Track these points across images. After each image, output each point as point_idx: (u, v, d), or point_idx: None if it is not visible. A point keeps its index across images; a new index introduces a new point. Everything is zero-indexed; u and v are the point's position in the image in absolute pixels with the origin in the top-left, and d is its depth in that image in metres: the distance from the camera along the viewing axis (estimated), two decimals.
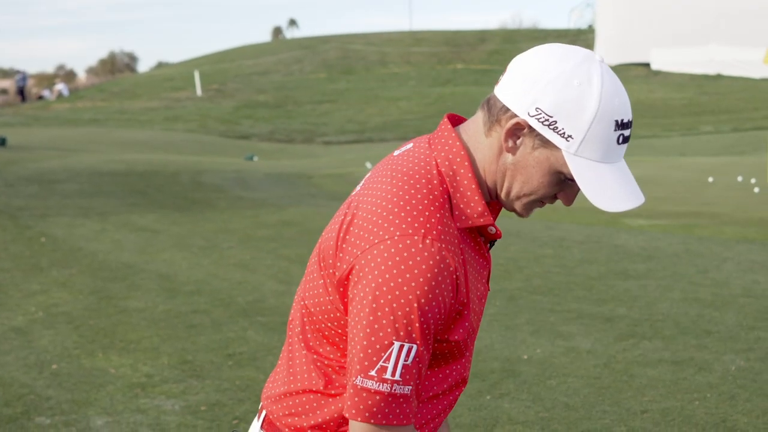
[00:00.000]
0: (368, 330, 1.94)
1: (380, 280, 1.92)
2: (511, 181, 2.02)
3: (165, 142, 36.61)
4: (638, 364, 6.82)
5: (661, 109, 47.98)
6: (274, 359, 6.88)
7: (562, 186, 2.02)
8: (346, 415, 2.01)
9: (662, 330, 7.72)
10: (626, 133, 1.96)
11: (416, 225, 1.93)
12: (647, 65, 62.42)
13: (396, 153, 2.17)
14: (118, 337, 7.71)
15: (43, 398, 6.24)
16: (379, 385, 1.95)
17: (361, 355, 1.96)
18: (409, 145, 2.16)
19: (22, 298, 9.12)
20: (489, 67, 65.62)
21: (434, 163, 2.04)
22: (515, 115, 1.96)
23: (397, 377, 1.95)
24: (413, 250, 1.91)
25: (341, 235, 2.04)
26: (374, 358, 1.94)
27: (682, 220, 14.35)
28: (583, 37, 71.19)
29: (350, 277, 1.99)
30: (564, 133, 1.91)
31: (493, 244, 2.17)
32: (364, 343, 1.95)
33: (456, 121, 2.16)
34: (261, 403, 2.33)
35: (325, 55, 73.68)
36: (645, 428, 5.53)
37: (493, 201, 2.11)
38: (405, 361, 1.95)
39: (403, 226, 1.93)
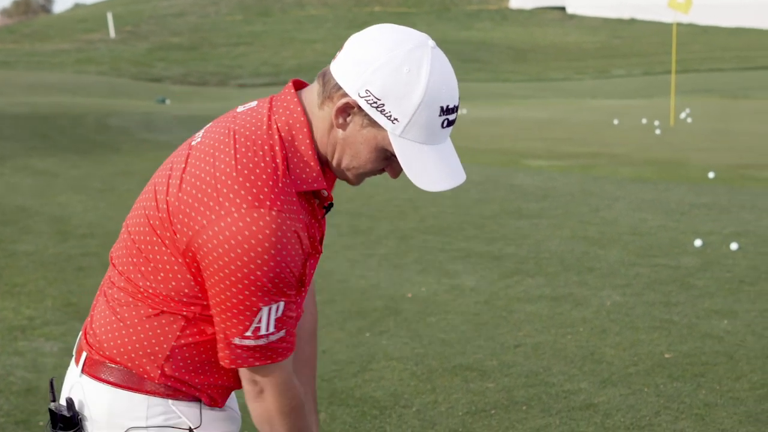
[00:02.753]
0: (234, 301, 2.03)
1: (233, 254, 1.98)
2: (341, 154, 2.10)
3: (75, 85, 35.86)
4: (518, 300, 6.97)
5: (574, 53, 48.45)
6: None
7: (389, 161, 2.11)
8: (227, 365, 2.12)
9: (546, 267, 7.89)
10: (451, 117, 2.04)
11: (261, 197, 1.98)
12: (563, 9, 62.80)
13: (239, 110, 2.18)
14: (3, 281, 7.61)
15: None
16: (256, 341, 2.07)
17: (234, 320, 2.05)
18: (253, 104, 2.18)
19: None
20: (407, 9, 65.51)
21: (275, 127, 2.07)
22: (346, 95, 2.02)
23: (271, 330, 2.07)
24: (261, 223, 1.97)
25: (180, 195, 2.06)
26: (246, 323, 2.05)
27: (581, 161, 14.60)
28: None
29: (195, 245, 2.03)
30: (390, 115, 1.99)
31: (329, 209, 2.21)
32: (234, 311, 2.04)
33: (300, 87, 2.19)
34: (78, 345, 2.31)
35: None
36: (516, 362, 5.67)
37: (327, 168, 2.16)
38: (276, 315, 2.06)
39: (249, 198, 1.98)
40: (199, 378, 2.21)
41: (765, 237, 8.91)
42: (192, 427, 2.21)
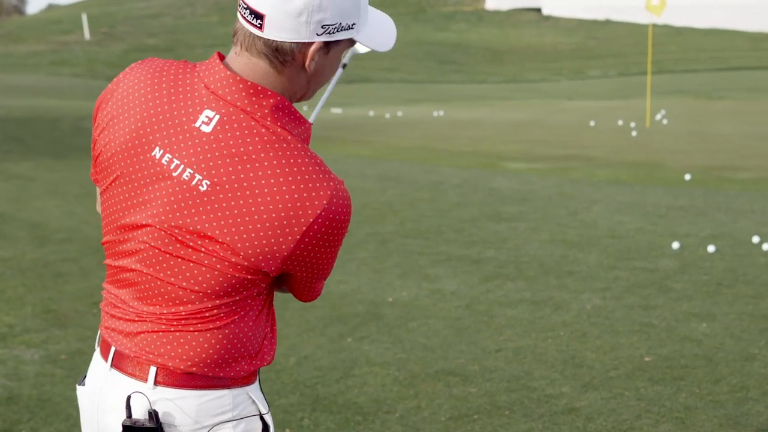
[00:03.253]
0: (331, 259, 2.17)
1: (332, 237, 2.08)
2: (314, 86, 2.18)
3: (50, 87, 35.71)
4: (499, 304, 7.00)
5: (550, 54, 48.62)
6: None
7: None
8: (308, 301, 2.29)
9: (526, 271, 7.93)
10: None
11: (326, 183, 2.05)
12: (538, 10, 63.04)
13: (205, 129, 2.09)
14: None
15: None
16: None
17: (327, 269, 2.20)
18: (210, 114, 2.10)
19: None
20: (382, 10, 65.43)
21: (267, 122, 2.07)
22: (309, 44, 2.05)
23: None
24: (341, 200, 2.06)
25: (254, 235, 2.04)
26: (332, 264, 2.22)
27: (559, 163, 14.67)
28: None
29: (291, 259, 2.08)
30: (348, 24, 2.07)
31: None
32: (329, 265, 2.19)
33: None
34: (129, 362, 2.21)
35: None
36: (497, 366, 5.70)
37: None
38: None
39: (321, 192, 2.03)
40: (268, 345, 2.26)
41: (741, 239, 8.99)
42: (262, 413, 2.25)
